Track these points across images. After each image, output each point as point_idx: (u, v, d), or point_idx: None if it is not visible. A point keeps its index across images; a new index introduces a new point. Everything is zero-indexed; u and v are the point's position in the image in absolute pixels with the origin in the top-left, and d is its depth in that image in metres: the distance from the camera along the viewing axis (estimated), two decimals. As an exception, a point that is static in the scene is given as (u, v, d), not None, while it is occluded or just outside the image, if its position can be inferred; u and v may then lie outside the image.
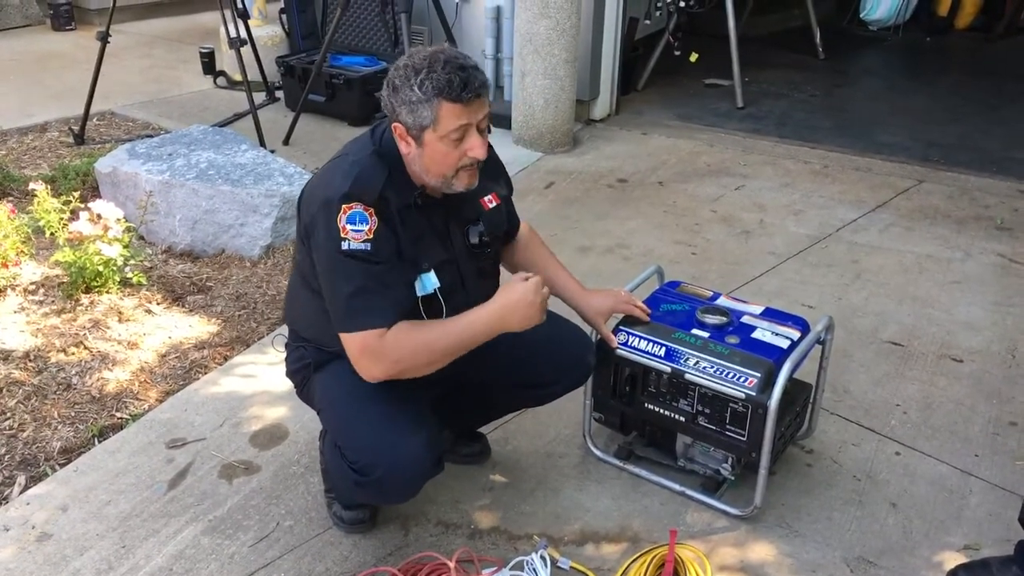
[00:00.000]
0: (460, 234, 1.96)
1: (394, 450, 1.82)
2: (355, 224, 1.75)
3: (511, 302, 1.81)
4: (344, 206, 1.76)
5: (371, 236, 1.76)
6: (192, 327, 3.04)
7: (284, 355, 2.13)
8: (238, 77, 4.86)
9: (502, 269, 2.18)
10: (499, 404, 2.32)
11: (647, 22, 5.60)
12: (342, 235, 1.75)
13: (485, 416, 2.38)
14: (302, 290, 1.97)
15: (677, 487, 2.30)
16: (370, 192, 1.78)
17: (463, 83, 1.72)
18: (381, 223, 1.78)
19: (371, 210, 1.77)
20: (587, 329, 2.24)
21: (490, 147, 2.04)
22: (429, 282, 1.88)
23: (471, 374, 2.11)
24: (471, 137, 1.79)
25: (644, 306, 2.26)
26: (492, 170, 2.03)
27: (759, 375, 2.07)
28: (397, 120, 1.79)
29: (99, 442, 2.48)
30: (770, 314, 2.30)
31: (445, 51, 1.78)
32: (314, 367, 2.00)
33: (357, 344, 1.78)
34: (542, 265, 2.24)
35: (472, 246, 1.97)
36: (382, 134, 1.88)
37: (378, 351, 1.77)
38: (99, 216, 3.09)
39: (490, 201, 2.02)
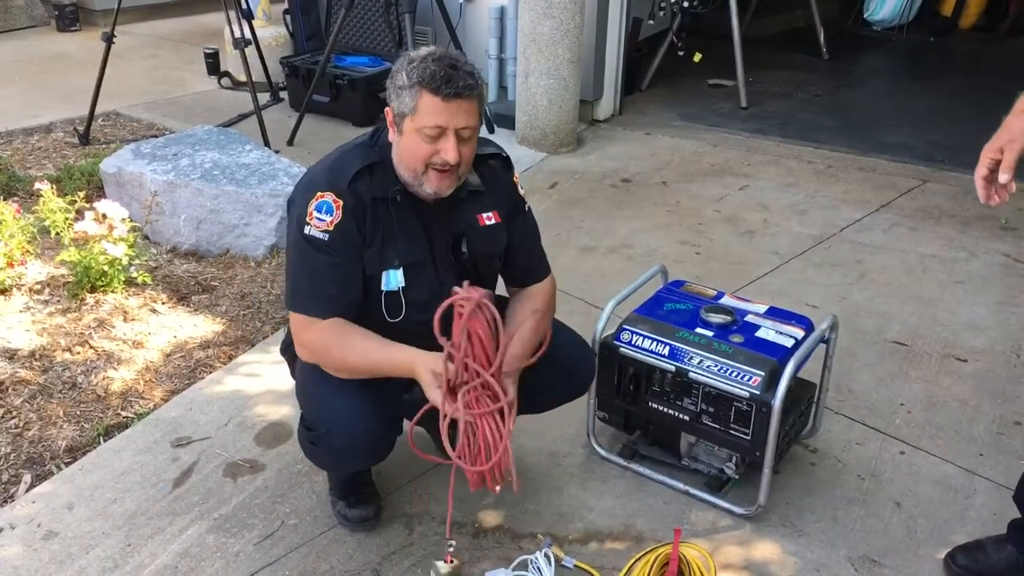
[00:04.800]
0: (447, 239, 1.96)
1: (343, 410, 1.91)
2: (321, 213, 1.86)
3: (421, 366, 1.80)
4: (318, 193, 1.86)
5: (331, 228, 1.85)
6: (197, 326, 3.04)
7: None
8: (242, 78, 4.87)
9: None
10: None
11: (651, 22, 5.60)
12: (307, 220, 1.86)
13: None
14: None
15: (681, 486, 2.30)
16: (341, 182, 1.86)
17: (446, 78, 1.75)
18: (346, 217, 1.85)
19: (340, 202, 1.85)
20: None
21: (507, 166, 2.04)
22: (394, 279, 1.93)
23: None
24: (446, 140, 1.79)
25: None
26: (502, 190, 2.02)
27: (763, 374, 2.07)
28: (389, 105, 1.85)
29: (104, 441, 2.48)
30: (774, 313, 2.30)
31: (449, 52, 1.83)
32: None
33: (294, 322, 1.93)
34: (519, 320, 2.01)
35: (455, 253, 1.97)
36: (384, 130, 1.92)
37: (301, 335, 1.91)
38: (104, 216, 3.09)
39: (488, 218, 2.00)
